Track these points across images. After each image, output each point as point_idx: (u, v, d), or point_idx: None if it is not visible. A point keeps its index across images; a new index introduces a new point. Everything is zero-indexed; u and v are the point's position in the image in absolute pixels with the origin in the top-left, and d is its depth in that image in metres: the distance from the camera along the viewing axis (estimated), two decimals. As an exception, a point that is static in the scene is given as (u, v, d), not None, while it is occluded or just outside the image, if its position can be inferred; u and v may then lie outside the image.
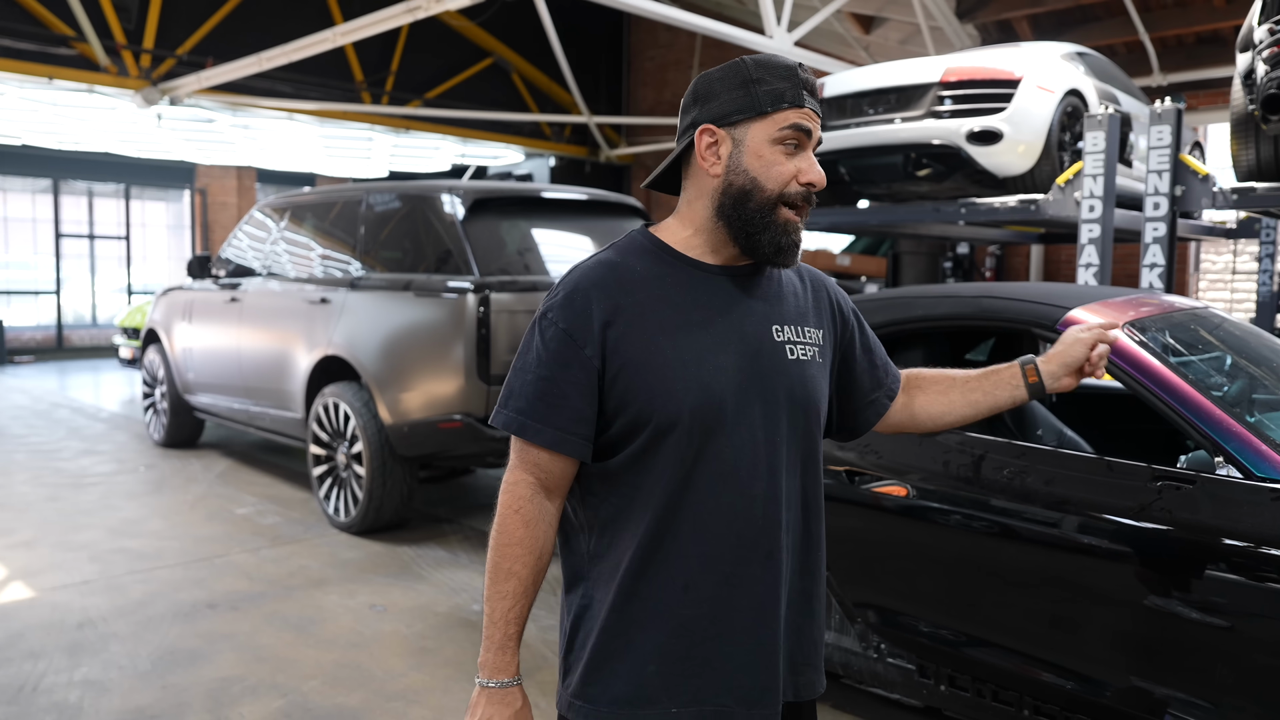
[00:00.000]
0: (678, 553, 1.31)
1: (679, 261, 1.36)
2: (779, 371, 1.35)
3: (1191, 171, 4.77)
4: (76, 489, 5.86)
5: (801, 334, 1.40)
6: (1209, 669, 2.13)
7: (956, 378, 1.63)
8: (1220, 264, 10.54)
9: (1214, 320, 2.93)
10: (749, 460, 1.32)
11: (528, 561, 1.33)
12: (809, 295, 1.47)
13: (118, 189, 14.95)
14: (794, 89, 1.33)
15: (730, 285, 1.37)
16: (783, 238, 1.33)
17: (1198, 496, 2.17)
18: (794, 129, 1.32)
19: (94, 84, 9.53)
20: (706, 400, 1.29)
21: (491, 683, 1.33)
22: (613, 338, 1.29)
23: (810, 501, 1.42)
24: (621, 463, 1.32)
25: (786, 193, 1.32)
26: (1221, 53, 9.51)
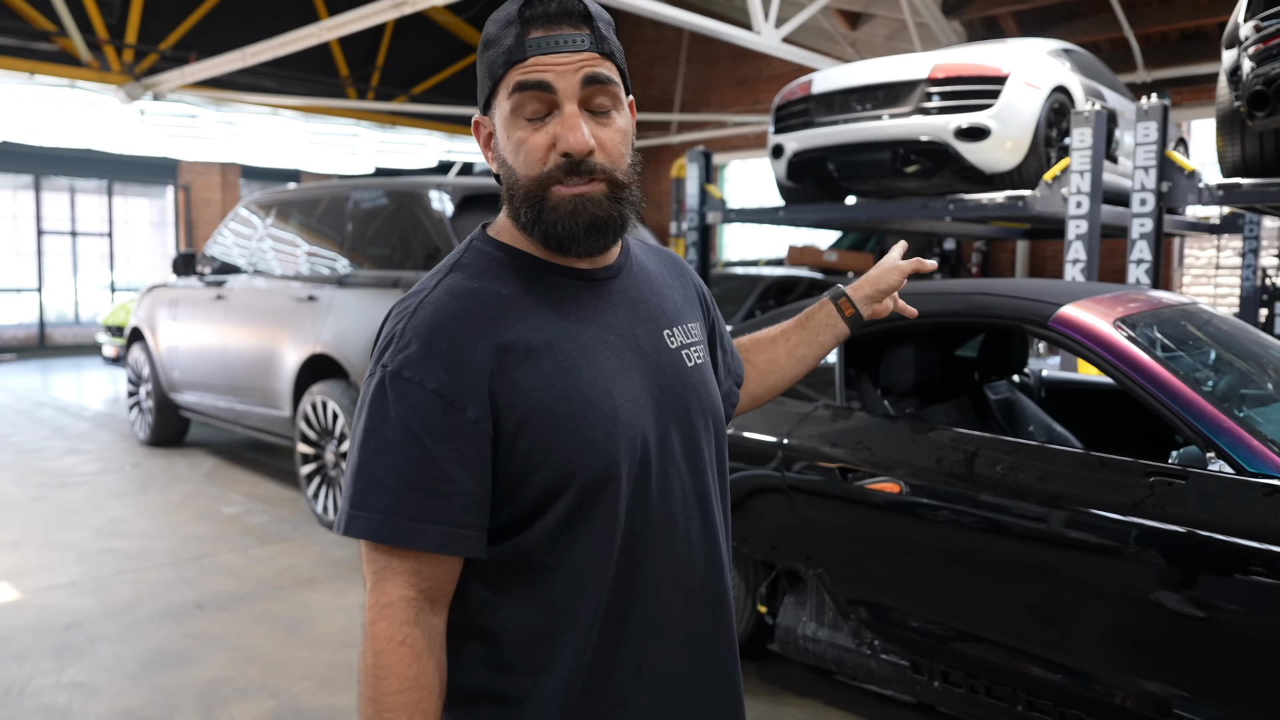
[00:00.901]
0: (624, 633, 1.05)
1: (543, 270, 1.08)
2: (685, 385, 1.13)
3: (1177, 167, 4.80)
4: (62, 489, 5.81)
5: (687, 333, 1.18)
6: (1200, 663, 2.15)
7: (775, 335, 1.47)
8: (1204, 259, 10.61)
9: (1202, 316, 2.95)
10: (681, 500, 1.10)
11: (427, 708, 0.99)
12: (679, 285, 1.25)
13: (100, 185, 14.80)
14: (515, 37, 1.00)
15: (606, 292, 1.11)
16: (564, 221, 1.02)
17: (1189, 492, 2.18)
18: (521, 92, 1.00)
19: (76, 79, 9.45)
20: (630, 444, 1.03)
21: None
22: (503, 389, 0.99)
23: (725, 521, 1.20)
24: (538, 540, 1.02)
25: (545, 172, 1.02)
26: (1205, 49, 9.57)
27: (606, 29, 1.05)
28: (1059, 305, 2.60)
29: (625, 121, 1.06)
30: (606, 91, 1.03)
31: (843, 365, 3.01)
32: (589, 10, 1.03)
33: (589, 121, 1.02)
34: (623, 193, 1.05)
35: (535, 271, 1.08)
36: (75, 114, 10.97)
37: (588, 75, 1.01)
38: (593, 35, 1.02)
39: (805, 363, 1.48)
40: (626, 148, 1.06)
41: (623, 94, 1.06)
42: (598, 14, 1.04)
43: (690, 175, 7.06)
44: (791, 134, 6.19)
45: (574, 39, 1.00)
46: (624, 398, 1.05)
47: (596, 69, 1.01)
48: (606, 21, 1.06)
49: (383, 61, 12.40)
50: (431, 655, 1.00)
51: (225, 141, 13.03)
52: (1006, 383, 3.59)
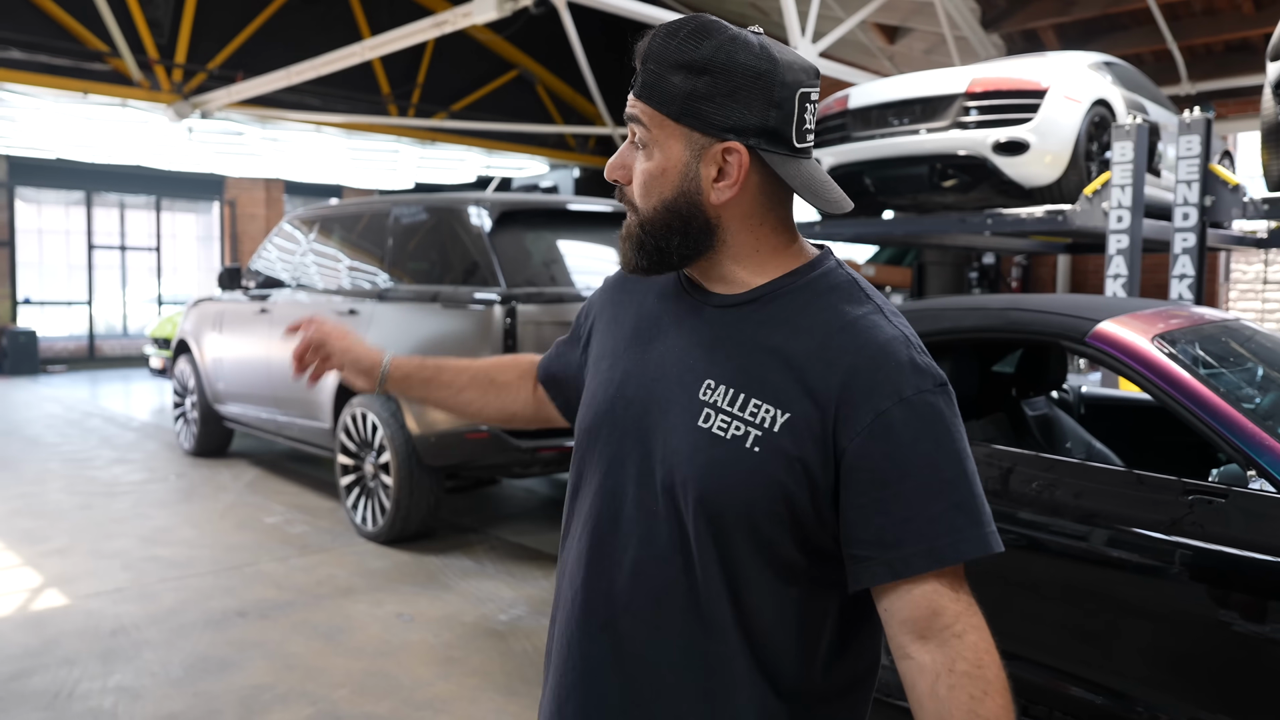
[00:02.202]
0: (559, 590, 1.21)
1: (679, 281, 1.17)
2: (674, 433, 1.06)
3: (1221, 181, 4.74)
4: (109, 497, 5.95)
5: (739, 405, 1.04)
6: (1241, 684, 2.11)
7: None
8: (1251, 274, 10.41)
9: (1245, 332, 2.91)
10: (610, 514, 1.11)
11: (479, 364, 1.51)
12: (809, 364, 1.03)
13: (149, 201, 15.18)
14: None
15: (695, 318, 1.12)
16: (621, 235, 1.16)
17: (1230, 511, 2.15)
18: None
19: (127, 98, 9.70)
20: (597, 428, 1.15)
21: None
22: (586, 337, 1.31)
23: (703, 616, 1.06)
24: None
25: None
26: (1251, 61, 9.41)
27: (662, 67, 1.04)
28: (1097, 321, 2.58)
29: (653, 164, 1.07)
30: (636, 130, 1.08)
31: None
32: (646, 49, 1.07)
33: (635, 155, 1.10)
34: (642, 229, 1.10)
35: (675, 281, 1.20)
36: (126, 132, 11.26)
37: (626, 114, 1.10)
38: (640, 77, 1.07)
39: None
40: (649, 189, 1.08)
41: (656, 136, 1.06)
42: (654, 53, 1.05)
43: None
44: (829, 149, 6.20)
45: (635, 79, 1.08)
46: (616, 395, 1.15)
47: (631, 109, 1.08)
48: (668, 60, 1.04)
49: (423, 79, 12.59)
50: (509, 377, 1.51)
51: (270, 158, 13.30)
52: (1045, 399, 3.55)
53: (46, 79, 9.25)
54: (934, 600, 1.01)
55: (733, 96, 1.02)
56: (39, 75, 9.22)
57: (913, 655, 1.01)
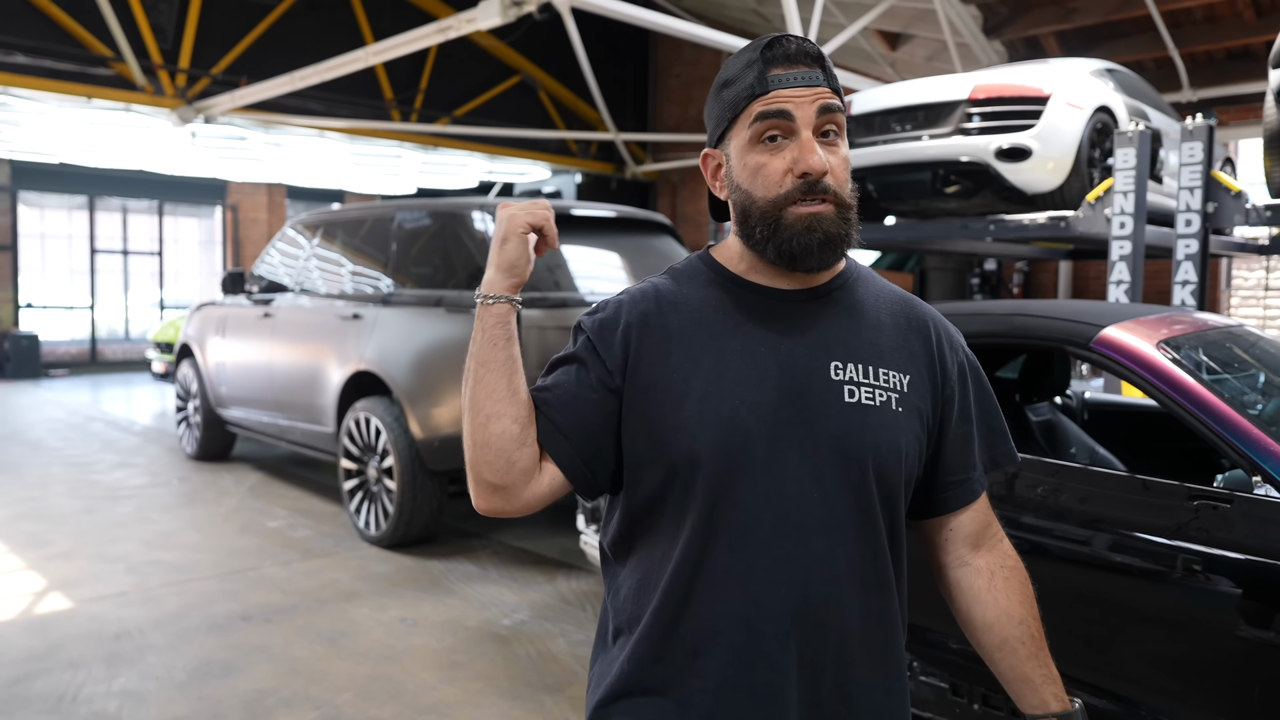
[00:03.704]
0: (690, 613, 1.13)
1: (731, 284, 1.21)
2: (828, 415, 1.14)
3: (1224, 188, 4.74)
4: (111, 501, 5.95)
5: (873, 375, 1.17)
6: (1246, 690, 2.11)
7: (1022, 645, 1.26)
8: (1252, 280, 10.42)
9: (1249, 338, 2.91)
10: (774, 517, 1.12)
11: None
12: (900, 334, 1.22)
13: (151, 205, 15.21)
14: (758, 75, 1.14)
15: (786, 312, 1.18)
16: (799, 238, 1.13)
17: (1235, 516, 2.15)
18: (763, 120, 1.13)
19: (131, 103, 9.72)
20: (729, 439, 1.11)
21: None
22: (636, 360, 1.17)
23: (873, 577, 1.16)
24: (637, 499, 1.18)
25: (783, 194, 1.13)
26: (1252, 68, 9.43)
27: (833, 70, 1.18)
28: (1101, 326, 2.58)
29: (847, 149, 1.18)
30: (836, 120, 1.14)
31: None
32: (821, 53, 1.16)
33: (821, 147, 1.14)
34: (848, 213, 1.16)
35: (724, 283, 1.22)
36: (129, 136, 11.28)
37: (823, 105, 1.13)
38: (824, 74, 1.15)
39: (993, 665, 1.35)
40: (847, 173, 1.17)
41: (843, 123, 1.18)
42: (827, 56, 1.18)
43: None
44: (830, 155, 6.20)
45: (811, 76, 1.14)
46: (740, 400, 1.13)
47: (829, 100, 1.14)
48: (832, 66, 1.18)
49: (426, 84, 12.61)
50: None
51: (272, 163, 13.32)
52: (1048, 404, 3.56)
53: (50, 83, 9.27)
54: (987, 513, 1.30)
55: None
56: (43, 80, 9.24)
57: (970, 562, 1.29)
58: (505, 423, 1.14)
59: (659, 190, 15.59)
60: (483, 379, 1.16)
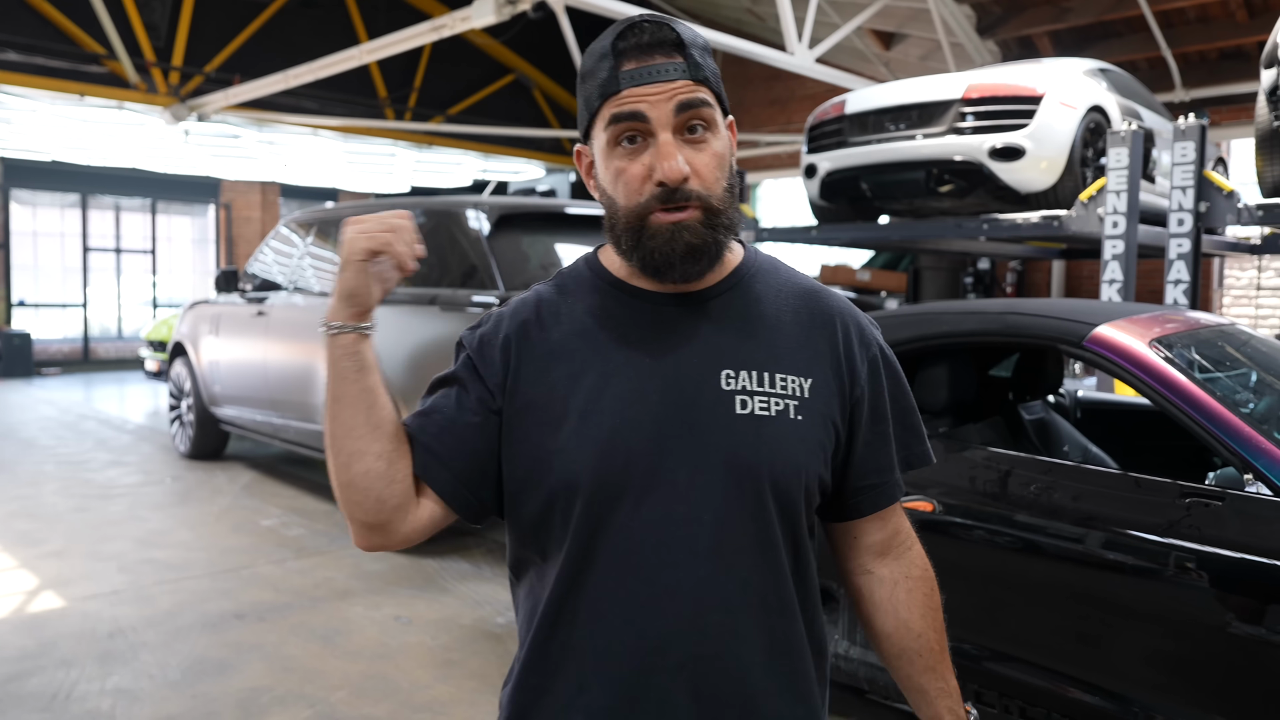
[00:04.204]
0: (572, 645, 1.06)
1: (616, 290, 1.12)
2: (718, 430, 1.05)
3: (1216, 187, 4.76)
4: (104, 500, 5.93)
5: (769, 382, 1.08)
6: (1238, 686, 2.13)
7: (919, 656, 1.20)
8: (1244, 280, 10.46)
9: (1241, 337, 2.93)
10: (660, 542, 1.03)
11: None
12: (802, 332, 1.13)
13: (144, 204, 15.16)
14: (609, 70, 1.03)
15: (674, 318, 1.09)
16: (661, 249, 1.04)
17: (1226, 514, 2.17)
18: (617, 124, 1.03)
19: (124, 101, 9.70)
20: (608, 463, 1.03)
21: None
22: (515, 378, 1.09)
23: (775, 601, 1.08)
24: (522, 524, 1.11)
25: (642, 202, 1.03)
26: (1244, 68, 9.47)
27: (701, 54, 1.05)
28: (1094, 325, 2.60)
29: (721, 144, 1.06)
30: (700, 116, 1.04)
31: (876, 384, 3.01)
32: (681, 38, 1.04)
33: (684, 148, 1.03)
34: (717, 218, 1.05)
35: (609, 289, 1.13)
36: (122, 134, 11.26)
37: (680, 102, 1.02)
38: (686, 63, 1.03)
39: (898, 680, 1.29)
40: (722, 171, 1.06)
41: (718, 116, 1.07)
42: (691, 39, 1.05)
43: (723, 194, 7.10)
44: (825, 154, 6.22)
45: (667, 68, 1.03)
46: (620, 419, 1.04)
47: (688, 95, 1.03)
48: (701, 47, 1.06)
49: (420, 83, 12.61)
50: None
51: (266, 161, 13.30)
52: (1041, 403, 3.57)
53: (43, 81, 9.24)
54: (899, 519, 1.22)
55: None
56: (35, 77, 9.22)
57: (873, 570, 1.21)
58: (369, 460, 1.05)
59: (653, 189, 15.60)
60: (338, 416, 1.05)
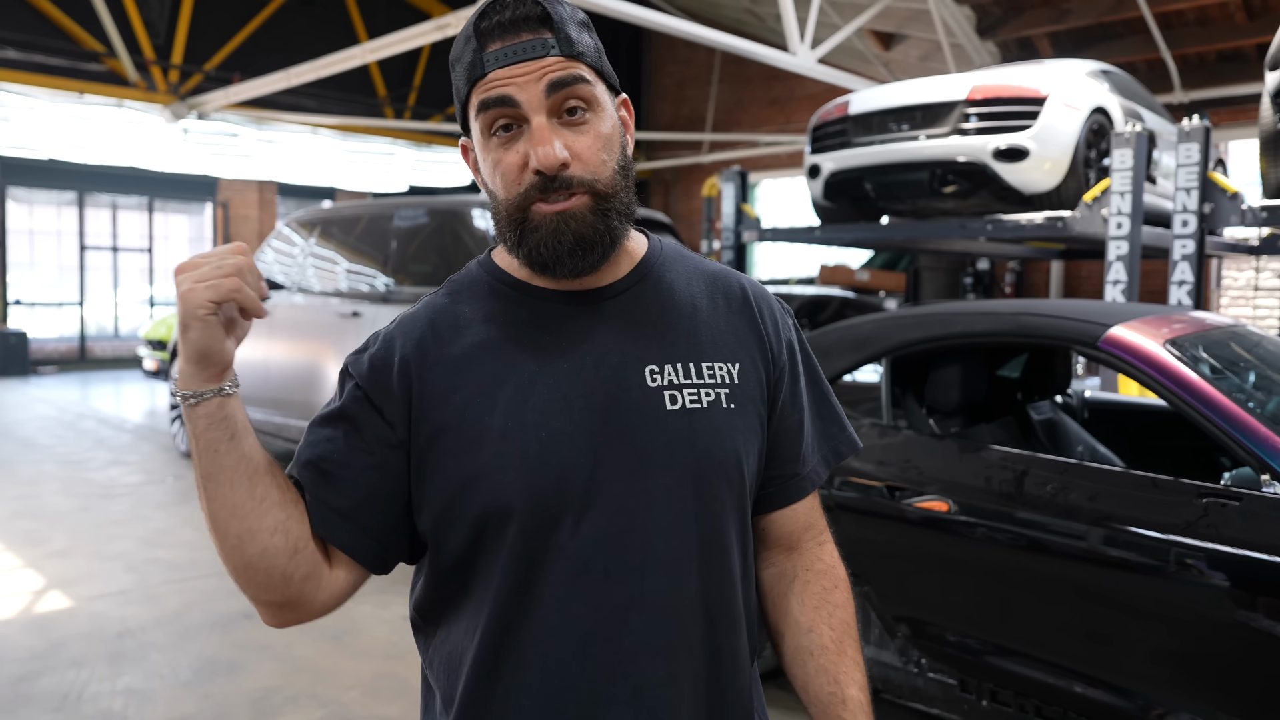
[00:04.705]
0: (513, 690, 0.96)
1: (517, 291, 1.02)
2: (650, 429, 0.97)
3: (1220, 189, 4.78)
4: (106, 499, 5.92)
5: (695, 372, 1.01)
6: (1254, 686, 2.14)
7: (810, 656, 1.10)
8: (1242, 280, 10.50)
9: (1251, 338, 2.95)
10: (605, 560, 0.95)
11: None
12: (721, 316, 1.06)
13: (141, 202, 15.10)
14: (474, 53, 0.95)
15: (585, 316, 1.00)
16: (550, 241, 0.94)
17: (1243, 514, 2.18)
18: (486, 110, 0.94)
19: (123, 99, 9.69)
20: (540, 479, 0.94)
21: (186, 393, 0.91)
22: (420, 403, 0.97)
23: (723, 608, 1.01)
24: (443, 562, 0.99)
25: (521, 192, 0.94)
26: (1243, 70, 9.51)
27: (576, 29, 0.96)
28: (1108, 326, 2.61)
29: (607, 124, 0.97)
30: (577, 94, 0.94)
31: (888, 384, 3.03)
32: (548, 12, 0.94)
33: (562, 131, 0.94)
34: (608, 204, 0.96)
35: (509, 292, 1.02)
36: (120, 132, 11.23)
37: (551, 81, 0.92)
38: (556, 37, 0.93)
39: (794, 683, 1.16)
40: (609, 153, 0.97)
41: (601, 94, 0.97)
42: (561, 14, 0.95)
43: (726, 195, 7.11)
44: (829, 154, 6.23)
45: (534, 45, 0.93)
46: (547, 432, 0.95)
47: (561, 73, 0.93)
48: (577, 20, 0.97)
49: (420, 81, 12.59)
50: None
51: (264, 159, 13.28)
52: (1049, 403, 3.59)
53: (42, 79, 9.22)
54: (810, 513, 1.14)
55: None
56: (34, 75, 9.20)
57: (777, 564, 1.14)
58: (263, 538, 0.92)
59: (652, 189, 15.61)
60: (216, 496, 0.91)
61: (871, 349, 3.08)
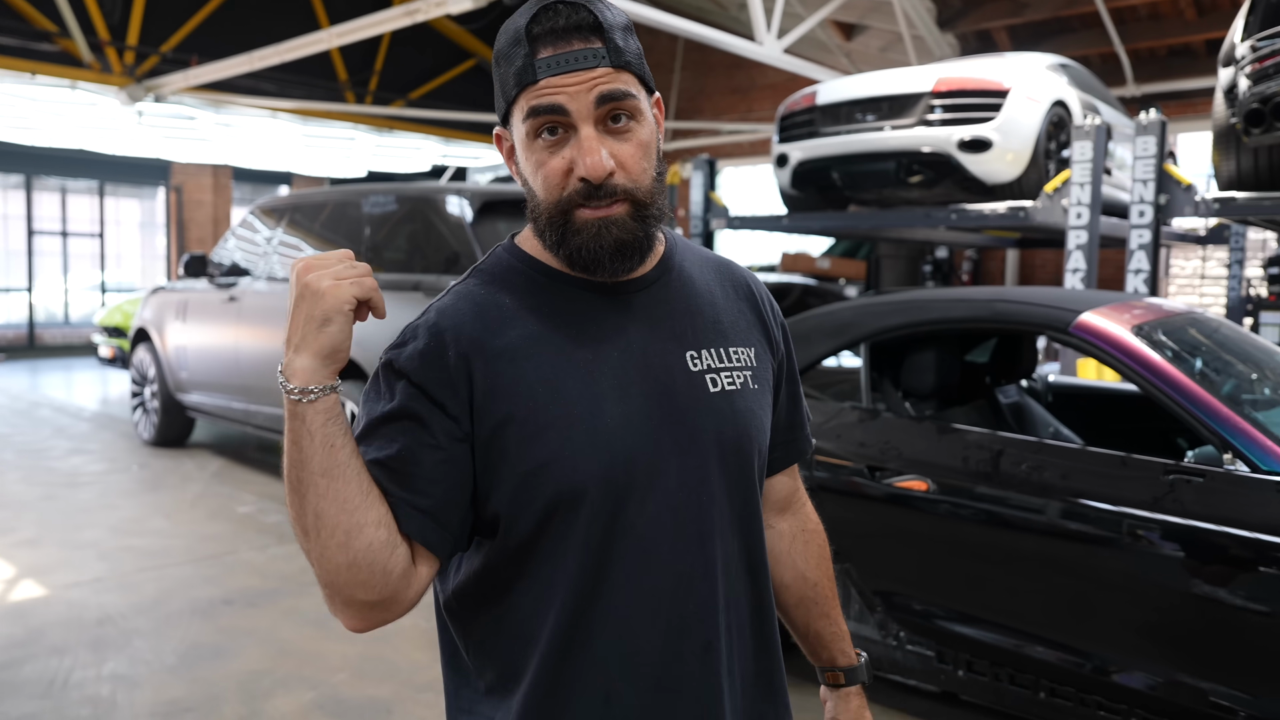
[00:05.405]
0: (592, 659, 1.02)
1: (555, 281, 1.06)
2: (701, 411, 1.05)
3: (1175, 180, 4.96)
4: (72, 488, 5.84)
5: (726, 357, 1.10)
6: (1218, 649, 2.28)
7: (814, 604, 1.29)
8: (1189, 269, 10.84)
9: (1211, 324, 3.09)
10: (670, 530, 1.03)
11: None
12: (734, 302, 1.16)
13: (91, 186, 14.76)
14: (525, 57, 0.97)
15: (626, 306, 1.06)
16: (591, 244, 0.99)
17: (1208, 490, 2.31)
18: (535, 117, 0.98)
19: (77, 80, 9.46)
20: (611, 462, 1.00)
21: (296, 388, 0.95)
22: (481, 393, 0.99)
23: (757, 565, 1.13)
24: (509, 545, 1.03)
25: (565, 196, 0.99)
26: (1193, 65, 9.80)
27: (624, 36, 1.00)
28: (1078, 312, 2.73)
29: (647, 132, 1.02)
30: (624, 107, 0.98)
31: (868, 369, 3.13)
32: (600, 20, 0.97)
33: (607, 140, 0.98)
34: (646, 211, 1.02)
35: (548, 283, 1.06)
36: (71, 114, 10.96)
37: (602, 94, 0.96)
38: (607, 48, 0.97)
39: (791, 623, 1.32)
40: (648, 160, 1.02)
41: (642, 103, 1.01)
42: (611, 21, 0.98)
43: (695, 183, 7.18)
44: (796, 143, 6.33)
45: (586, 55, 0.96)
46: (612, 418, 1.01)
47: (611, 85, 0.97)
48: (623, 27, 1.00)
49: (381, 66, 12.47)
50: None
51: (220, 143, 13.05)
52: (1016, 387, 3.72)
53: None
54: (796, 478, 1.32)
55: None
56: (-16, 55, 8.96)
57: (774, 525, 1.29)
58: (369, 531, 0.94)
59: (614, 176, 15.64)
60: (329, 491, 0.93)
61: (851, 334, 3.18)
